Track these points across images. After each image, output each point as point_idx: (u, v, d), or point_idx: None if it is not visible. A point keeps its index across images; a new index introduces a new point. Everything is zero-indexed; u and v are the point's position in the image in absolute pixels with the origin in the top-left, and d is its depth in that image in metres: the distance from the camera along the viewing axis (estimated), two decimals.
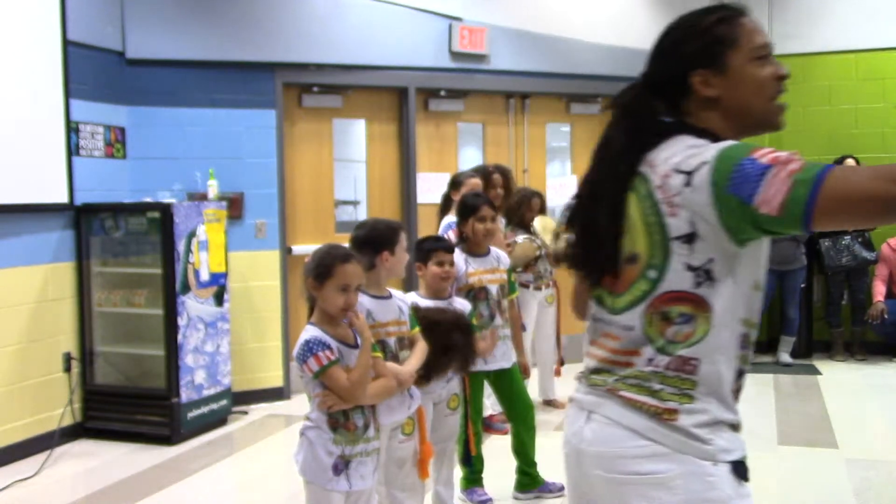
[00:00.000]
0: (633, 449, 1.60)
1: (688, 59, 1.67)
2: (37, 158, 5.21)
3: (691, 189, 1.54)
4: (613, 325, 1.69)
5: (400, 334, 3.24)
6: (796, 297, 7.40)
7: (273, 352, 6.36)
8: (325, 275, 2.83)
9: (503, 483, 4.32)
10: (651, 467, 1.59)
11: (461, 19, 6.91)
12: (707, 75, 1.65)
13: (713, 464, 1.59)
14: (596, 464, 1.66)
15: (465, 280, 4.09)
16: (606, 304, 1.72)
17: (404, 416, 3.23)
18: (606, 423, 1.65)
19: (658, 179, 1.60)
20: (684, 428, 1.59)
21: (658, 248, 1.59)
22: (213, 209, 5.71)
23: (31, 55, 5.18)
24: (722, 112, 1.67)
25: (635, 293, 1.64)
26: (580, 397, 1.75)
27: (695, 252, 1.56)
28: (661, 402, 1.60)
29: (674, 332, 1.60)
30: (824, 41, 7.76)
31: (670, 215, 1.57)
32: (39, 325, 5.23)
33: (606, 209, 1.67)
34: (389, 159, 7.00)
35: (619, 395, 1.64)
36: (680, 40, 1.70)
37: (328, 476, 2.81)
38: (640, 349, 1.63)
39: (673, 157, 1.59)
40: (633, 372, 1.64)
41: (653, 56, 1.74)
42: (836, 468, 4.73)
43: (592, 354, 1.75)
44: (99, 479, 4.76)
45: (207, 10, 6.13)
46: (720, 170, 1.50)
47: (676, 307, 1.59)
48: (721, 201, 1.50)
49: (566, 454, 1.76)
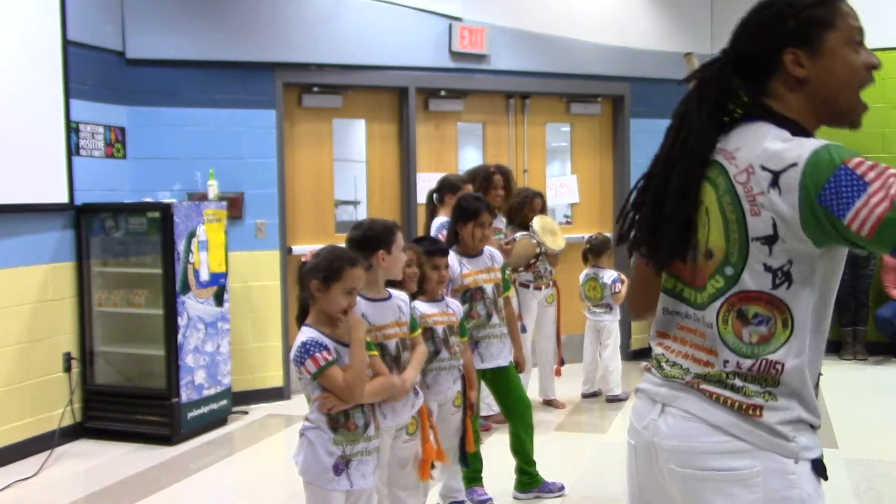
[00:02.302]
0: (714, 444, 1.57)
1: (782, 36, 1.60)
2: (37, 158, 5.21)
3: (777, 191, 1.48)
4: (694, 320, 1.67)
5: (401, 336, 3.21)
6: None
7: (273, 352, 6.36)
8: (333, 277, 2.83)
9: (503, 482, 4.32)
10: (731, 463, 1.55)
11: (461, 19, 6.91)
12: (800, 54, 1.60)
13: (795, 461, 1.56)
14: (671, 458, 1.62)
15: (461, 281, 4.09)
16: (687, 297, 1.69)
17: (408, 416, 3.23)
18: (685, 416, 1.61)
19: (739, 174, 1.55)
20: (768, 425, 1.55)
21: (736, 246, 1.55)
22: (213, 209, 5.71)
23: (31, 55, 5.18)
24: (807, 95, 1.61)
25: (711, 290, 1.60)
26: (652, 389, 1.71)
27: (774, 254, 1.52)
28: (746, 397, 1.56)
29: (749, 333, 1.56)
30: None
31: (752, 214, 1.52)
32: (39, 325, 5.23)
33: (677, 193, 1.62)
34: (389, 159, 7.00)
35: (701, 388, 1.61)
36: (775, 17, 1.62)
37: (329, 476, 2.81)
38: (717, 349, 1.60)
39: (754, 148, 1.55)
40: (713, 372, 1.60)
41: (741, 32, 1.68)
42: (836, 468, 4.73)
43: (667, 347, 1.72)
44: (99, 479, 4.76)
45: (207, 10, 6.13)
46: (812, 177, 1.44)
47: (753, 307, 1.55)
48: (808, 209, 1.45)
49: (633, 445, 1.73)
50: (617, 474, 2.16)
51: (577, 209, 7.87)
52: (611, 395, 6.23)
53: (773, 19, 1.62)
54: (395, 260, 3.23)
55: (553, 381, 6.13)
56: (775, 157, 1.50)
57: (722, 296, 1.58)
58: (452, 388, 3.73)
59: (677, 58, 8.48)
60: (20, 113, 5.10)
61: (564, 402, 6.15)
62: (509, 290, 4.39)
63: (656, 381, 1.71)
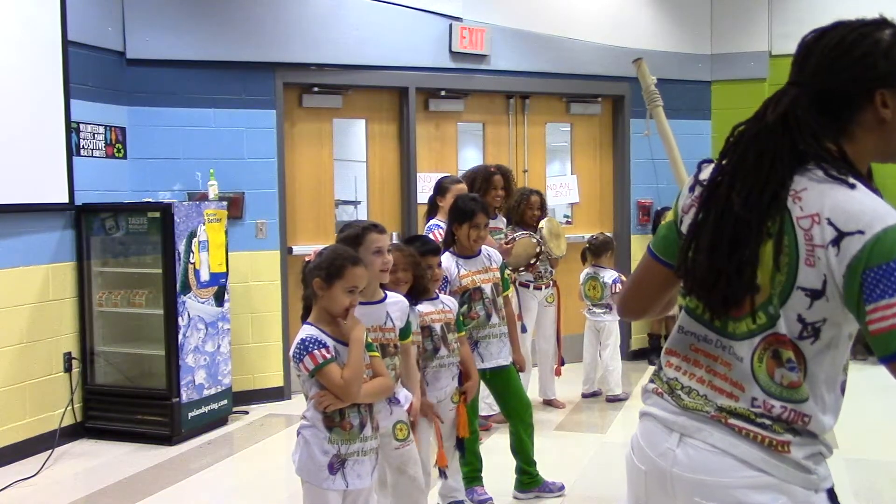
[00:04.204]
0: (742, 479, 1.58)
1: (875, 77, 1.57)
2: (37, 158, 5.22)
3: (837, 251, 1.46)
4: (717, 346, 1.64)
5: (381, 342, 3.17)
6: None
7: (273, 352, 6.36)
8: (336, 276, 2.83)
9: (503, 482, 4.32)
10: (758, 498, 1.57)
11: (461, 19, 6.91)
12: (887, 96, 1.57)
13: (815, 492, 1.60)
14: (695, 490, 1.61)
15: (459, 283, 4.09)
16: (712, 321, 1.64)
17: (387, 423, 3.21)
18: (711, 450, 1.61)
19: (803, 218, 1.51)
20: (795, 459, 1.58)
21: (779, 289, 1.54)
22: (214, 209, 5.71)
23: (32, 55, 5.18)
24: (882, 137, 1.60)
25: (752, 325, 1.58)
26: (668, 417, 1.68)
27: (813, 308, 1.52)
28: (776, 434, 1.58)
29: (781, 376, 1.56)
30: None
31: (807, 264, 1.50)
32: (40, 325, 5.23)
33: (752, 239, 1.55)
34: (389, 159, 7.00)
35: (729, 423, 1.60)
36: (866, 56, 1.58)
37: (324, 475, 2.81)
38: (745, 384, 1.60)
39: (825, 194, 1.51)
40: (739, 408, 1.60)
41: (820, 63, 1.63)
42: (836, 468, 4.71)
43: (678, 368, 1.70)
44: (99, 479, 4.76)
45: (208, 11, 6.13)
46: (871, 253, 1.43)
47: (786, 351, 1.55)
48: (852, 278, 1.45)
49: (643, 472, 1.71)
50: (617, 474, 2.16)
51: (577, 209, 7.88)
52: (611, 395, 6.23)
53: (864, 58, 1.58)
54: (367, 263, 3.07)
55: (553, 381, 6.13)
56: (847, 216, 1.47)
57: (762, 332, 1.57)
58: (451, 384, 3.77)
59: (678, 58, 8.52)
60: (20, 113, 5.10)
61: (564, 402, 6.15)
62: (509, 290, 4.39)
63: (672, 408, 1.68)
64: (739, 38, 7.94)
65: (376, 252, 3.17)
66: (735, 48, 7.94)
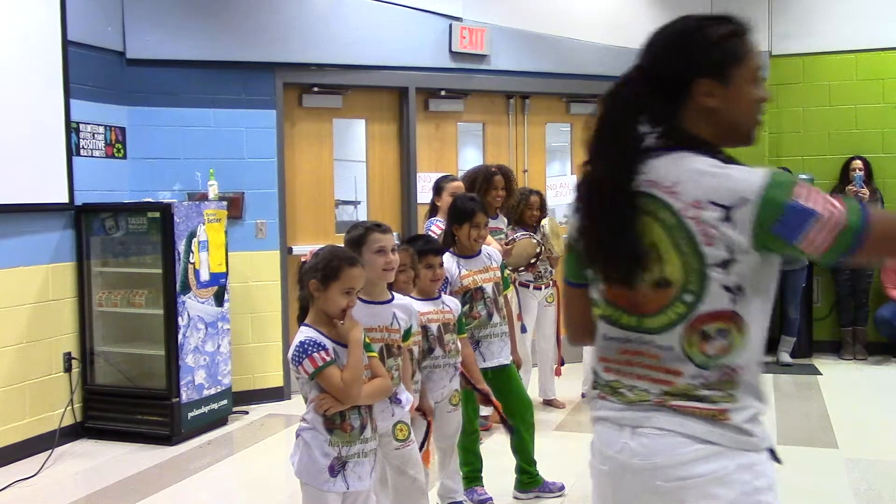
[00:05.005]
0: (692, 453, 1.67)
1: (699, 65, 1.71)
2: (37, 158, 5.22)
3: (731, 224, 1.61)
4: (639, 343, 1.74)
5: (387, 342, 3.19)
6: (797, 297, 7.40)
7: (273, 352, 6.36)
8: (332, 277, 2.82)
9: (503, 482, 4.32)
10: (709, 467, 1.66)
11: (461, 19, 6.91)
12: (712, 85, 1.70)
13: (757, 453, 1.70)
14: (655, 475, 1.70)
15: (460, 283, 4.09)
16: (627, 323, 1.76)
17: (387, 423, 3.21)
18: (660, 434, 1.70)
19: (687, 209, 1.64)
20: (736, 425, 1.68)
21: (695, 274, 1.65)
22: (214, 209, 5.71)
23: (32, 55, 5.18)
24: (713, 122, 1.72)
25: (671, 316, 1.69)
26: (615, 415, 1.77)
27: (730, 274, 1.64)
28: (713, 404, 1.68)
29: (713, 348, 1.67)
30: (824, 41, 7.75)
31: (707, 245, 1.63)
32: (40, 325, 5.23)
33: (612, 230, 1.71)
34: (389, 159, 7.00)
35: (671, 405, 1.70)
36: (691, 45, 1.72)
37: (324, 477, 2.81)
38: (681, 367, 1.70)
39: (696, 181, 1.64)
40: (679, 387, 1.70)
41: (660, 52, 1.76)
42: (836, 468, 4.73)
43: (617, 372, 1.78)
44: (99, 479, 4.76)
45: (208, 11, 6.13)
46: (765, 212, 1.58)
47: (714, 324, 1.66)
48: (762, 236, 1.60)
49: (605, 472, 1.79)
50: None
51: None
52: None
53: (690, 46, 1.72)
54: (368, 263, 3.09)
55: (553, 380, 6.13)
56: (723, 192, 1.62)
57: (683, 320, 1.68)
58: (449, 386, 3.73)
59: None
60: (20, 113, 5.10)
61: (564, 402, 6.15)
62: (509, 289, 4.39)
63: (618, 406, 1.77)
64: None
65: (379, 251, 3.17)
66: None
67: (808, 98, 7.83)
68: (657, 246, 1.68)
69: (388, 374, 3.07)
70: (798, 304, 7.42)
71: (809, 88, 7.82)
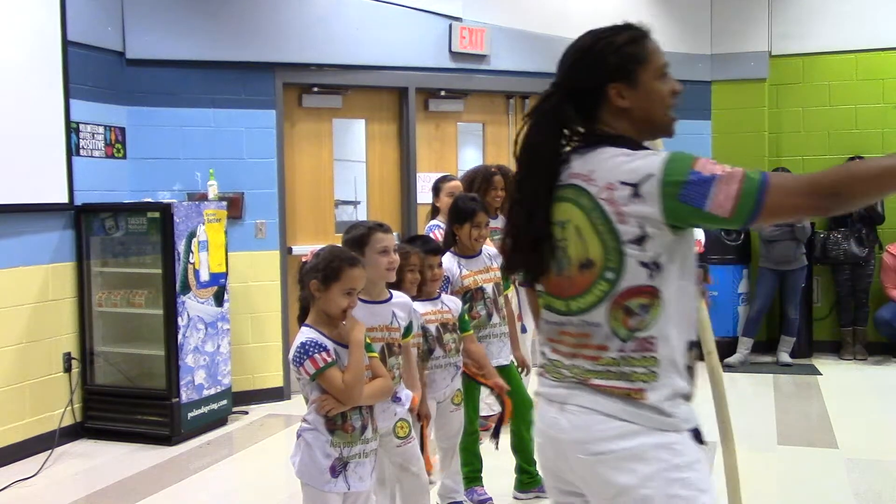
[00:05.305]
0: (609, 430, 1.80)
1: (606, 72, 1.88)
2: (37, 158, 5.21)
3: (640, 199, 1.75)
4: (573, 325, 1.89)
5: (387, 341, 3.20)
6: (797, 297, 7.40)
7: (273, 352, 6.36)
8: (333, 277, 2.82)
9: (503, 482, 4.32)
10: (626, 444, 1.79)
11: (461, 19, 6.91)
12: (621, 88, 1.87)
13: (677, 433, 1.80)
14: (577, 449, 1.84)
15: (461, 283, 4.09)
16: (558, 307, 1.92)
17: (389, 423, 3.22)
18: (581, 411, 1.84)
19: (602, 192, 1.80)
20: (651, 405, 1.79)
21: (613, 252, 1.79)
22: (213, 209, 5.71)
23: (32, 55, 5.18)
24: (630, 120, 1.89)
25: (597, 293, 1.83)
26: (549, 391, 1.94)
27: (645, 250, 1.77)
28: (630, 383, 1.80)
29: (637, 323, 1.80)
30: (824, 41, 7.76)
31: (620, 223, 1.78)
32: (40, 325, 5.23)
33: (539, 218, 1.89)
34: (389, 159, 7.00)
35: (590, 384, 1.84)
36: (599, 55, 1.89)
37: (325, 478, 2.81)
38: (607, 343, 1.83)
39: (608, 168, 1.80)
40: (604, 362, 1.83)
41: (570, 67, 1.93)
42: (836, 468, 4.73)
43: (558, 351, 1.93)
44: (99, 479, 4.76)
45: (207, 11, 6.12)
46: (670, 182, 1.72)
47: (636, 300, 1.80)
48: (671, 208, 1.73)
49: (540, 444, 1.97)
50: None
51: None
52: None
53: (596, 58, 1.90)
54: (370, 263, 3.10)
55: None
56: (630, 171, 1.77)
57: (607, 297, 1.82)
58: (451, 385, 3.74)
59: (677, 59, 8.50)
60: (20, 113, 5.10)
61: None
62: (509, 289, 4.39)
63: (552, 383, 1.94)
64: (739, 38, 7.93)
65: (382, 252, 3.18)
66: (735, 48, 7.93)
67: (807, 98, 7.84)
68: (580, 229, 1.84)
69: (388, 374, 3.07)
70: (798, 304, 7.41)
71: (809, 88, 7.83)
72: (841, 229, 7.50)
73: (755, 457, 4.89)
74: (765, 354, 7.64)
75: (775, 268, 7.32)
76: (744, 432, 5.46)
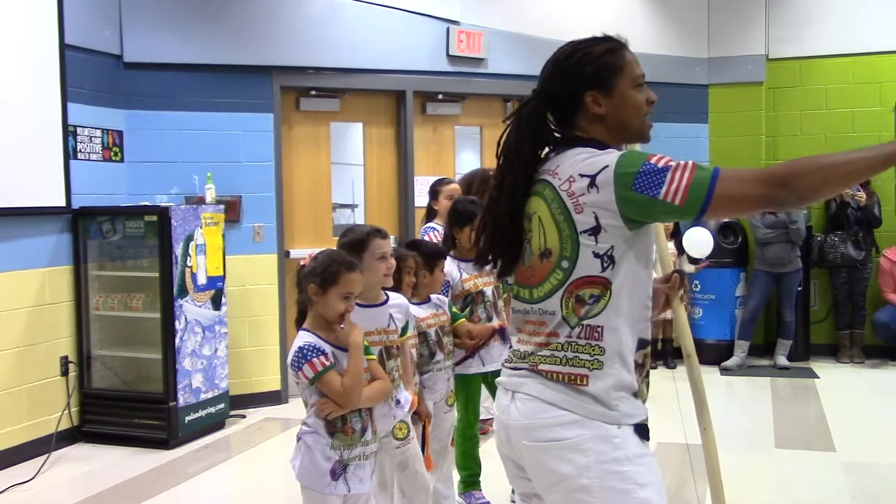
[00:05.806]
0: (551, 419, 1.87)
1: (583, 81, 1.97)
2: (34, 162, 5.21)
3: (596, 189, 1.84)
4: (534, 313, 1.97)
5: (386, 344, 3.20)
6: (792, 299, 7.40)
7: (270, 355, 6.35)
8: (330, 282, 2.82)
9: (501, 486, 4.31)
10: (565, 433, 1.85)
11: (458, 23, 6.92)
12: (597, 96, 1.96)
13: (618, 427, 1.85)
14: (522, 436, 1.92)
15: (461, 287, 4.09)
16: (524, 295, 2.01)
17: (389, 425, 3.23)
18: (528, 399, 1.92)
19: (563, 184, 1.90)
20: (593, 394, 1.85)
21: (568, 242, 1.88)
22: (211, 213, 5.70)
23: (29, 58, 5.17)
24: (605, 127, 1.98)
25: (553, 282, 1.92)
26: (505, 380, 2.02)
27: (599, 242, 1.85)
28: (573, 368, 1.87)
29: (586, 312, 1.88)
30: (821, 45, 7.78)
31: (577, 212, 1.86)
32: (37, 329, 5.22)
33: (510, 213, 1.99)
34: (387, 163, 7.00)
35: (538, 370, 1.91)
36: (576, 65, 1.98)
37: (326, 481, 2.81)
38: (558, 330, 1.91)
39: (572, 165, 1.89)
40: (552, 346, 1.91)
41: (549, 75, 2.02)
42: (833, 471, 4.73)
43: (520, 340, 2.01)
44: (96, 483, 4.75)
45: (205, 14, 6.13)
46: (624, 173, 1.81)
47: (587, 290, 1.88)
48: (625, 197, 1.81)
49: (496, 430, 2.05)
50: None
51: None
52: None
53: (575, 66, 1.98)
54: (367, 269, 3.11)
55: None
56: (589, 165, 1.87)
57: (562, 286, 1.90)
58: (447, 386, 3.77)
59: (675, 61, 8.54)
60: (18, 116, 5.09)
61: None
62: (506, 293, 4.39)
63: (508, 372, 2.02)
64: (736, 41, 7.95)
65: (381, 258, 3.19)
66: (732, 52, 7.95)
67: (804, 101, 7.85)
68: (542, 219, 1.94)
69: (387, 377, 3.07)
70: (793, 307, 7.42)
71: (806, 92, 7.85)
72: (838, 232, 7.51)
73: (752, 460, 4.89)
74: (762, 357, 7.65)
75: (770, 270, 7.32)
76: (741, 435, 5.50)
